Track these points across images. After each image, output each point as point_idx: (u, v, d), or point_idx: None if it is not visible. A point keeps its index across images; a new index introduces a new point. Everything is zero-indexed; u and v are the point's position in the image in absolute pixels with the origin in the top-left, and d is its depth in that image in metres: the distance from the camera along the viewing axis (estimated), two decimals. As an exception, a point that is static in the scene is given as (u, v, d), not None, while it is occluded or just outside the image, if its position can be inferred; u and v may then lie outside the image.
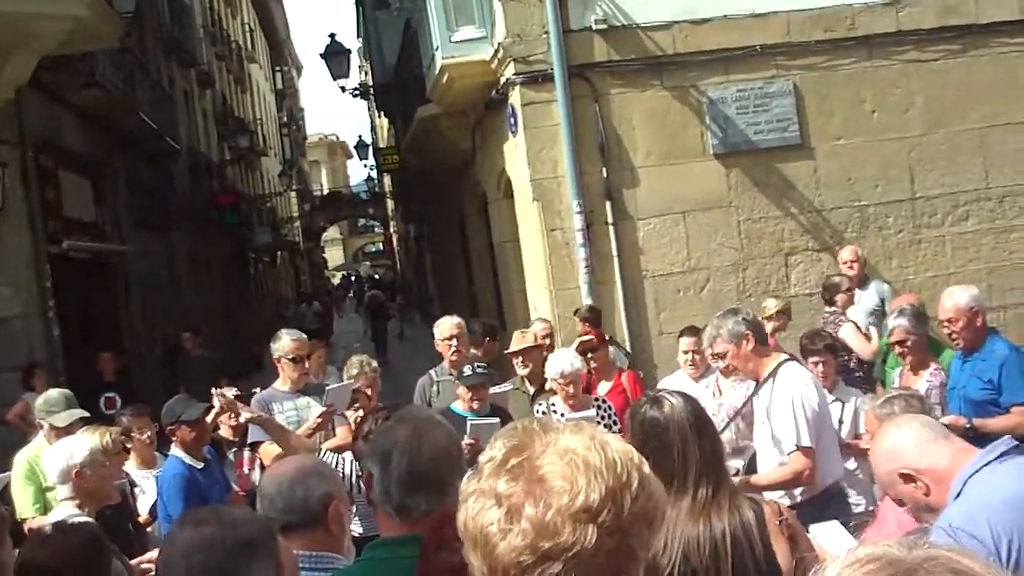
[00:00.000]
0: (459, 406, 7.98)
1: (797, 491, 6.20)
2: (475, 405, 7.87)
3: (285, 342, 8.36)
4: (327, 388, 8.19)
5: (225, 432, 9.24)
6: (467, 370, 8.08)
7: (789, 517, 4.30)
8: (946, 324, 7.73)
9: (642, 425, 4.31)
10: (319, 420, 7.91)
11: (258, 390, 9.08)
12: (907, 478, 3.82)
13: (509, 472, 1.94)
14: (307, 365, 8.58)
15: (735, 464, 6.51)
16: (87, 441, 6.36)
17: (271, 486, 3.83)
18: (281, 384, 8.39)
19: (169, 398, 8.31)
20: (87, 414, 8.67)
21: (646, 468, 2.00)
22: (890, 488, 4.00)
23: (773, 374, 6.29)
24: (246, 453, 8.86)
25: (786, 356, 6.61)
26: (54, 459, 6.22)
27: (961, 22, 13.24)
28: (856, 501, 7.27)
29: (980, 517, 3.50)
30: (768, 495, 5.16)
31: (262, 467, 7.95)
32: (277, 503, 3.74)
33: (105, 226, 19.70)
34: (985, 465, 3.66)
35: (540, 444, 1.97)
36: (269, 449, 7.93)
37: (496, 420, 7.24)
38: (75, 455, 6.13)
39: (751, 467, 6.67)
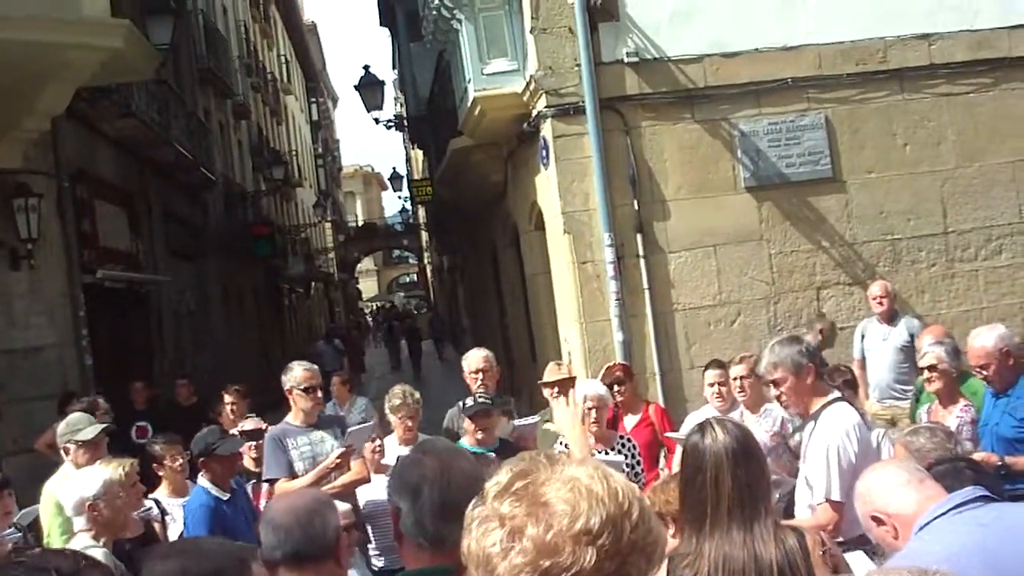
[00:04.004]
0: (466, 441, 7.93)
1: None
2: (479, 436, 7.82)
3: (297, 372, 8.36)
4: (348, 431, 8.17)
5: (248, 463, 9.26)
6: (469, 401, 8.04)
7: (831, 547, 4.29)
8: (978, 369, 7.66)
9: (685, 450, 4.38)
10: (337, 460, 7.91)
11: (266, 427, 9.15)
12: (878, 521, 3.87)
13: (513, 495, 1.99)
14: (319, 395, 8.54)
15: None
16: (101, 473, 6.40)
17: (286, 517, 3.84)
18: (293, 418, 8.37)
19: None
20: (113, 426, 8.75)
21: (647, 503, 2.05)
22: (868, 530, 4.02)
23: (817, 414, 6.13)
24: (264, 486, 8.88)
25: (836, 395, 6.43)
26: (69, 492, 6.27)
27: (993, 55, 13.20)
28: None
29: None
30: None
31: None
32: (296, 533, 3.75)
33: (139, 256, 19.82)
34: (940, 516, 3.64)
35: (545, 472, 2.03)
36: (285, 486, 7.93)
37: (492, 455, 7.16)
38: (88, 488, 6.17)
39: (789, 501, 6.57)
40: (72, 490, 6.25)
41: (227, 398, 12.42)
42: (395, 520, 3.27)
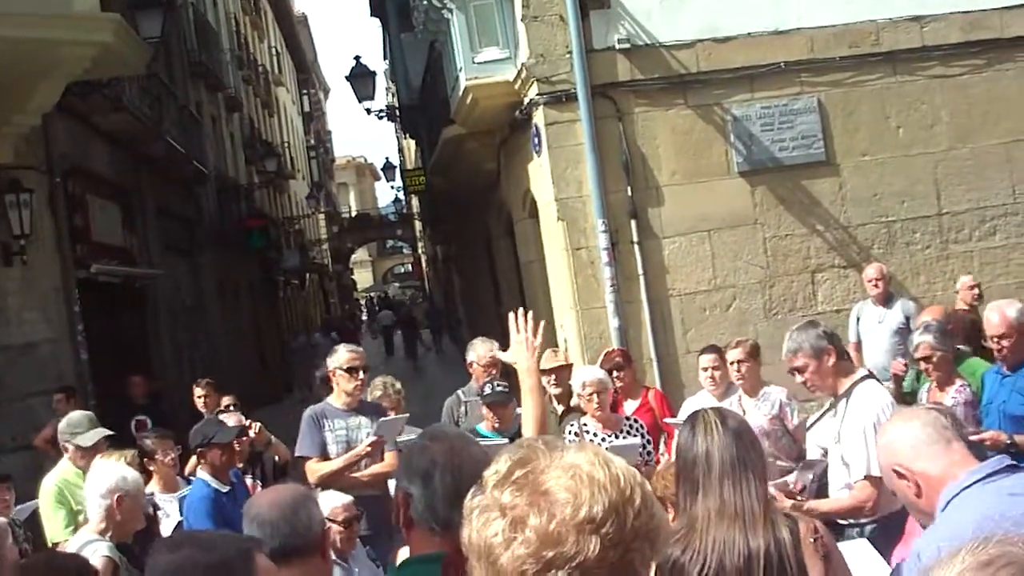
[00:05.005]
0: (484, 426, 7.96)
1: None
2: (497, 424, 7.84)
3: (341, 354, 8.35)
4: (379, 421, 8.13)
5: None
6: (487, 388, 8.05)
7: (824, 536, 4.28)
8: (996, 340, 7.61)
9: (681, 434, 4.38)
10: (367, 449, 7.91)
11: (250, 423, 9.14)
12: (900, 475, 3.79)
13: (514, 484, 1.97)
14: (362, 376, 8.48)
15: (804, 479, 6.45)
16: (135, 473, 6.42)
17: (272, 511, 3.85)
18: (335, 399, 8.33)
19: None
20: (111, 432, 8.73)
21: (648, 487, 2.03)
22: (886, 479, 3.96)
23: (848, 393, 6.17)
24: (248, 480, 8.86)
25: (865, 373, 6.48)
26: (105, 473, 6.25)
27: (986, 36, 13.18)
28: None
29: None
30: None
31: None
32: (282, 527, 3.76)
33: (133, 250, 19.80)
34: (971, 485, 3.61)
35: (545, 459, 2.00)
36: (314, 467, 7.95)
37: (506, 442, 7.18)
38: (126, 480, 6.17)
39: (823, 481, 6.59)
40: (109, 474, 6.23)
41: (197, 391, 12.30)
42: (405, 507, 3.27)
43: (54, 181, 15.43)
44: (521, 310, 4.93)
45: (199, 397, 12.20)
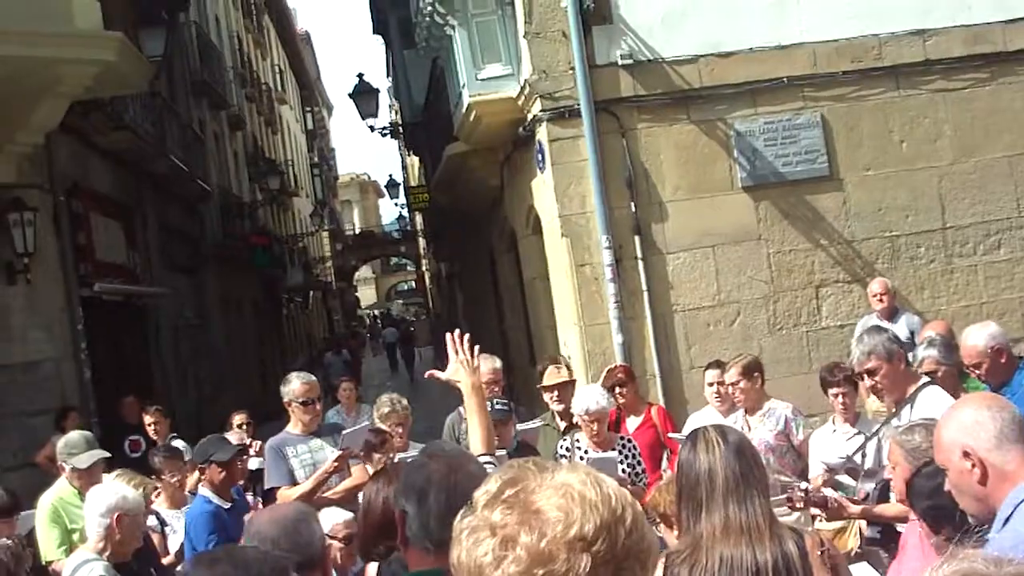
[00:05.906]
0: None
1: None
2: (496, 441, 7.80)
3: (295, 385, 8.39)
4: (343, 433, 8.19)
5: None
6: (487, 406, 8.02)
7: (831, 548, 4.27)
8: (971, 368, 7.64)
9: (683, 452, 4.37)
10: (335, 464, 7.91)
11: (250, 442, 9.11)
12: (966, 455, 3.62)
13: (504, 503, 1.96)
14: (318, 408, 8.57)
15: (866, 487, 6.41)
16: (135, 492, 6.42)
17: (272, 528, 3.84)
18: (293, 427, 8.43)
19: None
20: (108, 454, 8.71)
21: (639, 508, 2.02)
22: (943, 453, 3.76)
23: (912, 398, 6.21)
24: (249, 497, 8.87)
25: (927, 380, 6.50)
26: (101, 495, 6.24)
27: (989, 50, 13.17)
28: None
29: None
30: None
31: None
32: (282, 543, 3.74)
33: (136, 269, 19.80)
34: None
35: (536, 479, 1.99)
36: (286, 494, 7.93)
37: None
38: (128, 498, 6.17)
39: (884, 487, 6.56)
40: (109, 493, 6.23)
41: (147, 418, 12.07)
42: (401, 525, 3.25)
43: (57, 200, 15.43)
44: (457, 332, 5.03)
45: (150, 425, 11.93)
